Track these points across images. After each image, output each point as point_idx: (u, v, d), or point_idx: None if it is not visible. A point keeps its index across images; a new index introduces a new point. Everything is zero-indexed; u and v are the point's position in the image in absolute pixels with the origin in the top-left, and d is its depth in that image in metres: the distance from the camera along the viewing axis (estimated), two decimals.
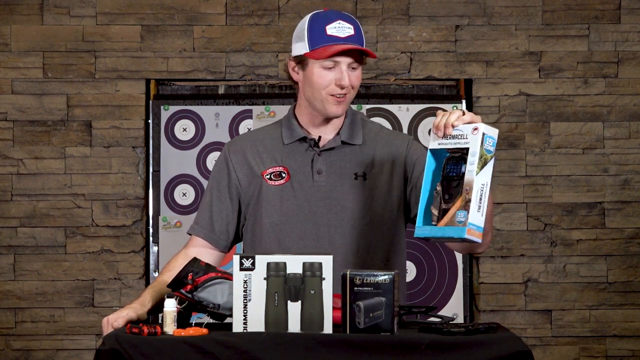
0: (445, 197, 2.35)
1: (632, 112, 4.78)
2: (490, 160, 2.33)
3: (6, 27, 4.75)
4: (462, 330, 2.24)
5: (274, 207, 2.69)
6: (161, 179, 4.75)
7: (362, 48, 2.64)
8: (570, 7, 4.80)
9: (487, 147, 2.32)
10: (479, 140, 2.31)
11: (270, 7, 4.79)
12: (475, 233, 2.29)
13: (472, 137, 2.32)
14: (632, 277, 4.74)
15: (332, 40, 2.62)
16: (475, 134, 2.32)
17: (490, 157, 2.33)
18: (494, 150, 2.33)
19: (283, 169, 2.71)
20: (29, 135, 4.73)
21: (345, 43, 2.62)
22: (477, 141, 2.31)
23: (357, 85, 2.68)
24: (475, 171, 2.30)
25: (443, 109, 4.77)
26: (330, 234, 2.66)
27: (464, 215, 2.29)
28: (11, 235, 4.71)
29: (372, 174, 2.70)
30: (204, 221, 2.77)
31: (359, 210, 2.67)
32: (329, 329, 2.24)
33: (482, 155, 2.31)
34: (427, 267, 4.72)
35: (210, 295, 2.38)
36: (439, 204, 2.36)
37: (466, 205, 2.29)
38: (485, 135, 2.32)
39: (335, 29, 2.63)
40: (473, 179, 2.30)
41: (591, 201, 4.76)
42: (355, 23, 2.67)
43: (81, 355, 4.69)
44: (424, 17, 4.80)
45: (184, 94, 4.81)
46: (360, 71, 2.67)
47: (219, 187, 2.76)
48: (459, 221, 2.30)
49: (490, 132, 2.33)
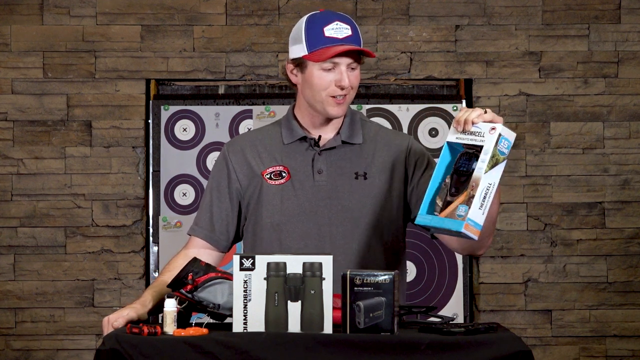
0: (452, 190, 2.37)
1: (632, 112, 4.78)
2: (502, 162, 2.34)
3: (6, 27, 4.75)
4: (462, 330, 2.24)
5: (275, 207, 2.69)
6: (161, 179, 4.75)
7: (361, 48, 2.63)
8: (570, 7, 4.80)
9: (501, 148, 2.33)
10: (494, 140, 2.33)
11: (270, 7, 4.79)
12: (472, 229, 2.30)
13: (489, 136, 2.34)
14: (632, 277, 4.75)
15: (330, 42, 2.62)
16: (492, 133, 2.34)
17: (502, 158, 2.34)
18: (507, 153, 2.35)
19: (283, 168, 2.71)
20: (29, 135, 4.73)
21: (344, 44, 2.62)
22: (492, 141, 2.33)
23: (356, 85, 2.68)
24: (485, 169, 2.31)
25: (443, 109, 4.78)
26: (331, 234, 2.66)
27: (464, 209, 2.30)
28: (11, 235, 4.71)
29: (372, 173, 2.70)
30: (204, 222, 2.76)
31: (359, 210, 2.67)
32: (329, 329, 2.24)
33: (494, 155, 2.32)
34: (427, 267, 4.72)
35: (210, 295, 2.38)
36: (444, 196, 2.38)
37: (469, 200, 2.30)
38: (502, 136, 2.34)
39: (333, 30, 2.63)
40: (481, 176, 2.31)
41: (591, 201, 4.76)
42: (352, 23, 2.67)
43: (81, 355, 4.69)
44: (424, 17, 4.80)
45: (184, 94, 4.81)
46: (359, 71, 2.67)
47: (219, 188, 2.76)
48: (459, 215, 2.31)
49: (508, 134, 2.35)
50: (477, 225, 2.31)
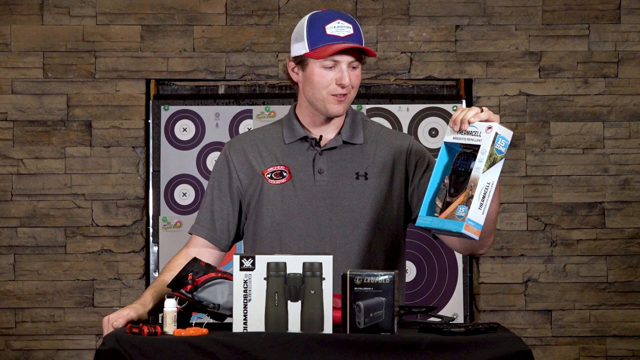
0: (451, 190, 2.37)
1: (632, 112, 4.78)
2: (500, 161, 2.33)
3: (6, 27, 4.75)
4: (462, 330, 2.24)
5: (275, 206, 2.69)
6: (161, 179, 4.75)
7: (363, 47, 2.63)
8: (570, 7, 4.80)
9: (498, 147, 2.33)
10: (491, 139, 2.32)
11: (270, 7, 4.79)
12: (472, 230, 2.30)
13: (485, 136, 2.33)
14: (632, 277, 4.74)
15: (332, 40, 2.62)
16: (488, 132, 2.33)
17: (500, 157, 2.33)
18: (505, 152, 2.34)
19: (284, 168, 2.71)
20: (29, 135, 4.73)
21: (345, 42, 2.62)
22: (489, 140, 2.32)
23: (357, 84, 2.67)
24: (483, 169, 2.30)
25: (443, 109, 4.78)
26: (332, 234, 2.66)
27: (464, 210, 2.30)
28: (11, 235, 4.71)
29: (373, 173, 2.70)
30: (205, 221, 2.76)
31: (360, 210, 2.67)
32: (329, 329, 2.24)
33: (491, 154, 2.31)
34: (427, 267, 4.72)
35: (210, 295, 2.38)
36: (444, 197, 2.37)
37: (468, 200, 2.30)
38: (498, 135, 2.33)
39: (335, 29, 2.63)
40: (479, 176, 2.30)
41: (591, 201, 4.76)
42: (354, 22, 2.67)
43: (81, 355, 4.69)
44: (424, 17, 4.80)
45: (184, 94, 4.81)
46: (360, 70, 2.67)
47: (220, 187, 2.76)
48: (459, 216, 2.31)
49: (504, 132, 2.34)
50: (478, 225, 2.30)
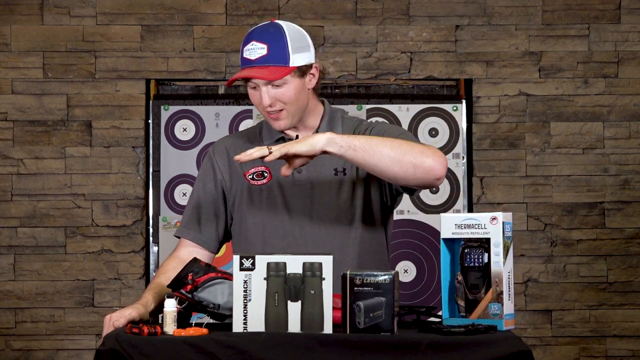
0: (469, 286, 2.37)
1: (632, 112, 4.78)
2: (511, 246, 2.34)
3: (6, 27, 4.75)
4: (462, 330, 2.24)
5: (257, 207, 2.71)
6: (161, 179, 4.75)
7: (253, 76, 2.58)
8: (570, 7, 4.80)
9: (507, 234, 2.33)
10: (500, 230, 2.32)
11: (270, 7, 4.79)
12: (510, 322, 2.33)
13: (492, 227, 2.33)
14: (632, 277, 4.74)
15: (244, 63, 2.62)
16: (494, 223, 2.33)
17: (510, 242, 2.34)
18: (512, 234, 2.35)
19: (265, 168, 2.73)
20: (29, 135, 4.73)
21: (254, 65, 2.59)
22: (499, 231, 2.32)
23: (287, 99, 2.63)
24: (502, 262, 2.31)
25: (443, 109, 4.78)
26: (313, 232, 2.67)
27: (498, 308, 2.31)
28: (11, 235, 4.71)
29: (351, 168, 2.70)
30: (191, 223, 2.78)
31: (340, 205, 2.68)
32: (329, 329, 2.24)
33: (505, 245, 2.32)
34: (427, 267, 4.72)
35: (210, 295, 2.38)
36: (463, 294, 2.37)
37: (498, 297, 2.31)
38: (505, 223, 2.33)
39: (249, 52, 2.62)
40: (501, 270, 2.31)
41: (591, 201, 4.76)
42: (272, 40, 2.60)
43: (81, 355, 4.69)
44: (424, 17, 4.80)
45: (184, 94, 4.81)
46: (290, 86, 2.62)
47: (205, 188, 2.78)
48: (494, 314, 2.31)
49: (507, 218, 2.35)
50: (511, 315, 2.34)
